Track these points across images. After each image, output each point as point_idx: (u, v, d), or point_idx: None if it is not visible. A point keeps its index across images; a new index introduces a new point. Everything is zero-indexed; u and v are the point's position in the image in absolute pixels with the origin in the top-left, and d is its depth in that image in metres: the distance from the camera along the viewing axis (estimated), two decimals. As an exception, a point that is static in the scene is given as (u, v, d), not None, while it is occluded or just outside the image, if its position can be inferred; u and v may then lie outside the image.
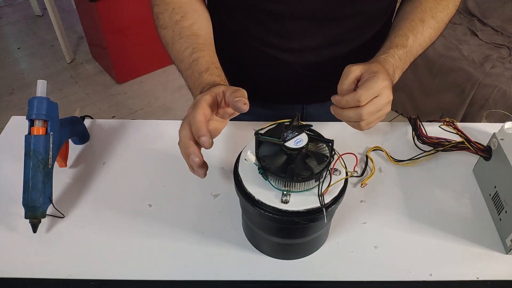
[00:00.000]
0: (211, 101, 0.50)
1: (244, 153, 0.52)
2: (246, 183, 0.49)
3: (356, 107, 0.55)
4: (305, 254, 0.57)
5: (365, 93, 0.54)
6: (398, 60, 0.62)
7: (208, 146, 0.46)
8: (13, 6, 3.10)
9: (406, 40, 0.64)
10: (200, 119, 0.47)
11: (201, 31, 0.64)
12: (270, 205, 0.47)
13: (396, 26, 0.68)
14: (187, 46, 0.61)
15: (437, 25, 0.68)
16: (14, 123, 0.77)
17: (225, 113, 0.52)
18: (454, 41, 1.91)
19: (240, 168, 0.51)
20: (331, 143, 0.48)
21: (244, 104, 0.48)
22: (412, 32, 0.65)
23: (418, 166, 0.70)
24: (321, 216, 0.47)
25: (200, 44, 0.61)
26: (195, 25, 0.64)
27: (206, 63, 0.58)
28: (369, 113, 0.56)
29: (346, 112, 0.57)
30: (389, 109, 0.58)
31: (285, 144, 0.47)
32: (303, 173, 0.47)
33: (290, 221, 0.47)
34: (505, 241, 0.58)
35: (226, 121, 0.55)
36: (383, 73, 0.56)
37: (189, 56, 0.60)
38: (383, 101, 0.56)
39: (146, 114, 2.22)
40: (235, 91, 0.49)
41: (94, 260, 0.56)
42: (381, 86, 0.55)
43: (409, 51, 0.64)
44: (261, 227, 0.53)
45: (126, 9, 2.13)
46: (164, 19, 0.65)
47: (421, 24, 0.66)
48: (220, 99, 0.51)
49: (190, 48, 0.61)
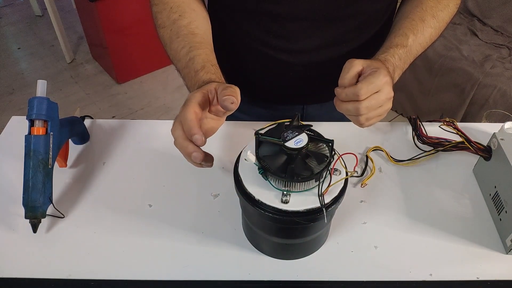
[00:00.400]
0: (201, 99, 0.50)
1: (244, 153, 0.52)
2: (246, 183, 0.49)
3: (355, 101, 0.55)
4: (305, 254, 0.57)
5: (365, 87, 0.54)
6: (398, 60, 0.62)
7: (201, 144, 0.46)
8: (13, 6, 3.10)
9: (406, 40, 0.64)
10: (191, 117, 0.47)
11: (198, 30, 0.64)
12: (270, 205, 0.47)
13: (396, 25, 0.68)
14: (184, 45, 0.61)
15: (438, 24, 0.68)
16: (14, 123, 0.77)
17: (218, 111, 0.52)
18: (454, 41, 1.91)
19: (240, 168, 0.51)
20: (331, 143, 0.48)
21: (231, 103, 0.47)
22: (412, 32, 0.65)
23: (418, 166, 0.70)
24: (321, 216, 0.47)
25: (197, 43, 0.61)
26: (192, 24, 0.64)
27: (202, 61, 0.58)
28: (367, 108, 0.55)
29: (345, 105, 0.57)
30: (390, 106, 0.58)
31: (285, 144, 0.47)
32: (303, 173, 0.47)
33: (290, 221, 0.47)
34: (505, 241, 0.58)
35: (222, 119, 0.54)
36: (384, 69, 0.56)
37: (185, 55, 0.60)
38: (383, 96, 0.56)
39: (146, 114, 2.22)
40: (226, 88, 0.48)
41: (94, 260, 0.56)
42: (382, 81, 0.55)
43: (409, 50, 0.64)
44: (261, 227, 0.53)
45: (126, 9, 2.13)
46: (162, 19, 0.65)
47: (421, 23, 0.66)
48: (212, 96, 0.51)
49: (187, 47, 0.60)
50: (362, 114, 0.56)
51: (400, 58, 0.63)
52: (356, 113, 0.56)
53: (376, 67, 0.56)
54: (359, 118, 0.57)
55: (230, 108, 0.47)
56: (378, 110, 0.57)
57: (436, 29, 0.68)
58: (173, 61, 0.63)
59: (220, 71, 0.58)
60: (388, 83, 0.56)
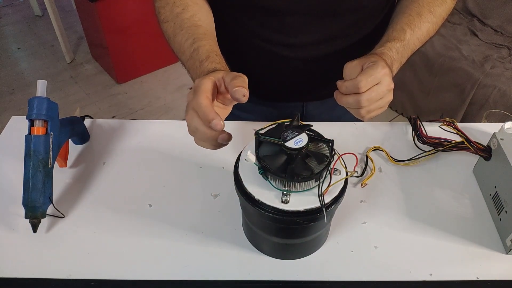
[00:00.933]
0: (211, 86, 0.49)
1: (244, 153, 0.52)
2: (246, 183, 0.49)
3: (356, 94, 0.55)
4: (305, 254, 0.57)
5: (365, 79, 0.54)
6: (395, 53, 0.62)
7: (221, 128, 0.45)
8: (13, 6, 3.10)
9: (404, 34, 0.64)
10: (206, 103, 0.46)
11: (201, 22, 0.64)
12: (270, 205, 0.47)
13: (394, 20, 0.68)
14: (188, 37, 0.61)
15: (435, 19, 0.68)
16: (14, 123, 0.77)
17: (226, 99, 0.52)
18: (454, 41, 1.91)
19: (240, 168, 0.51)
20: (331, 143, 0.48)
21: (243, 95, 0.47)
22: (409, 26, 0.65)
23: (418, 166, 0.70)
24: (321, 216, 0.47)
25: (201, 34, 0.61)
26: (195, 17, 0.64)
27: (207, 51, 0.58)
28: (368, 100, 0.55)
29: (345, 98, 0.57)
30: (391, 97, 0.58)
31: (285, 144, 0.47)
32: (303, 173, 0.47)
33: (290, 221, 0.47)
34: (505, 241, 0.58)
35: (229, 108, 0.54)
36: (382, 61, 0.57)
37: (190, 46, 0.60)
38: (384, 88, 0.56)
39: (146, 114, 2.22)
40: (235, 77, 0.48)
41: (94, 260, 0.56)
42: (381, 73, 0.55)
43: (406, 44, 0.64)
44: (261, 227, 0.53)
45: (126, 9, 2.13)
46: (166, 13, 0.65)
47: (418, 18, 0.66)
48: (219, 85, 0.50)
49: (191, 39, 0.61)
50: (363, 106, 0.56)
51: (398, 52, 0.63)
52: (357, 105, 0.56)
53: (374, 60, 0.56)
54: (360, 110, 0.57)
55: (241, 101, 0.47)
56: (379, 102, 0.57)
57: (433, 24, 0.68)
58: (177, 54, 0.64)
59: (225, 61, 0.58)
60: (387, 74, 0.56)
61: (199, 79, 0.50)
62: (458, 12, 2.13)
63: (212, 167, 0.68)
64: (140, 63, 2.39)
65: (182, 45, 0.61)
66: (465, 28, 2.02)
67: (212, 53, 0.58)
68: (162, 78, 2.44)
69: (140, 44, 2.28)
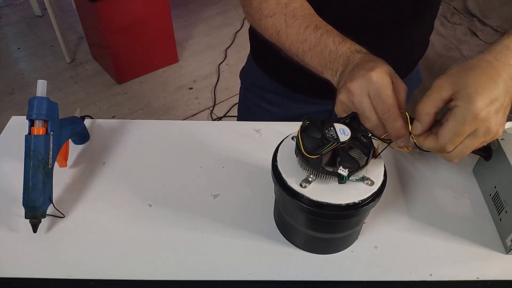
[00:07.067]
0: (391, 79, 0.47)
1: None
2: (286, 176, 0.49)
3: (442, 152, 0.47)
4: (344, 247, 0.58)
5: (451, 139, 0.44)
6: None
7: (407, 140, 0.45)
8: (13, 6, 3.10)
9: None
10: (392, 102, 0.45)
11: (313, 11, 0.62)
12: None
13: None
14: (308, 25, 0.59)
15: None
16: (14, 123, 0.77)
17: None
18: (454, 41, 1.90)
19: (279, 162, 0.50)
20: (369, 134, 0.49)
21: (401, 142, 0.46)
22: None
23: (418, 166, 0.70)
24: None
25: (320, 21, 0.59)
26: (305, 6, 0.62)
27: (338, 34, 0.56)
28: (458, 156, 0.47)
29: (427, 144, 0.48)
30: (499, 135, 0.46)
31: (339, 139, 0.46)
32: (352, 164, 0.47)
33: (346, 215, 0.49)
34: (505, 241, 0.58)
35: None
36: (480, 95, 0.42)
37: (313, 32, 0.58)
38: (481, 138, 0.44)
39: (146, 114, 2.22)
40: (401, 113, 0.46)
41: (94, 260, 0.56)
42: (475, 123, 0.43)
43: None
44: (306, 225, 0.53)
45: (126, 9, 2.13)
46: (270, 7, 0.63)
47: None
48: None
49: (312, 25, 0.58)
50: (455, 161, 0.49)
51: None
52: (447, 160, 0.49)
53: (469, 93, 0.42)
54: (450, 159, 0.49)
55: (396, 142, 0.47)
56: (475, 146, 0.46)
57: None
58: (292, 46, 0.61)
59: None
60: (489, 114, 0.42)
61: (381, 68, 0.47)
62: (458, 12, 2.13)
63: (212, 167, 0.68)
64: (140, 63, 2.39)
65: (302, 34, 0.59)
66: (465, 28, 2.02)
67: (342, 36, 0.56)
68: (161, 78, 2.44)
69: (140, 44, 2.28)
